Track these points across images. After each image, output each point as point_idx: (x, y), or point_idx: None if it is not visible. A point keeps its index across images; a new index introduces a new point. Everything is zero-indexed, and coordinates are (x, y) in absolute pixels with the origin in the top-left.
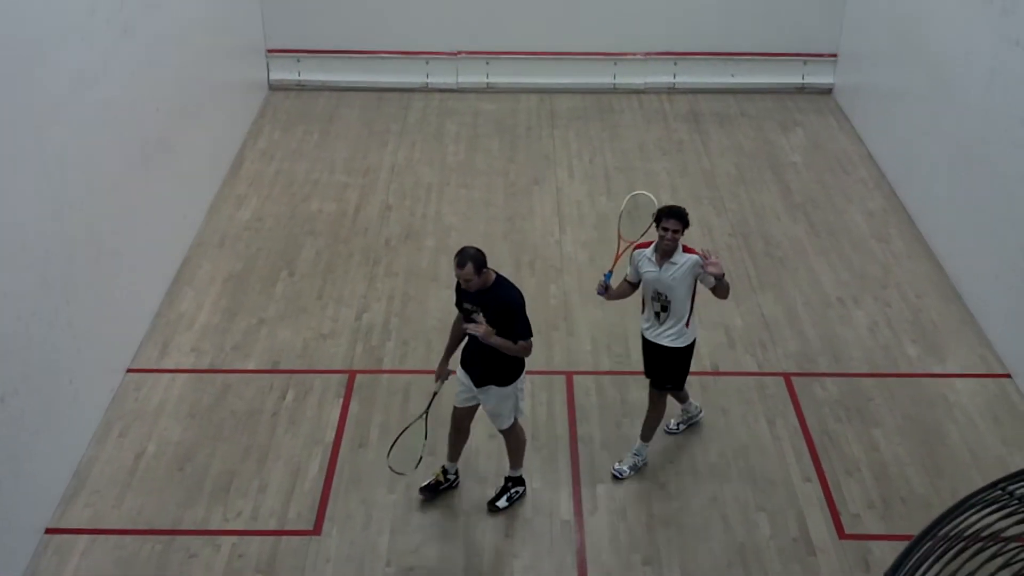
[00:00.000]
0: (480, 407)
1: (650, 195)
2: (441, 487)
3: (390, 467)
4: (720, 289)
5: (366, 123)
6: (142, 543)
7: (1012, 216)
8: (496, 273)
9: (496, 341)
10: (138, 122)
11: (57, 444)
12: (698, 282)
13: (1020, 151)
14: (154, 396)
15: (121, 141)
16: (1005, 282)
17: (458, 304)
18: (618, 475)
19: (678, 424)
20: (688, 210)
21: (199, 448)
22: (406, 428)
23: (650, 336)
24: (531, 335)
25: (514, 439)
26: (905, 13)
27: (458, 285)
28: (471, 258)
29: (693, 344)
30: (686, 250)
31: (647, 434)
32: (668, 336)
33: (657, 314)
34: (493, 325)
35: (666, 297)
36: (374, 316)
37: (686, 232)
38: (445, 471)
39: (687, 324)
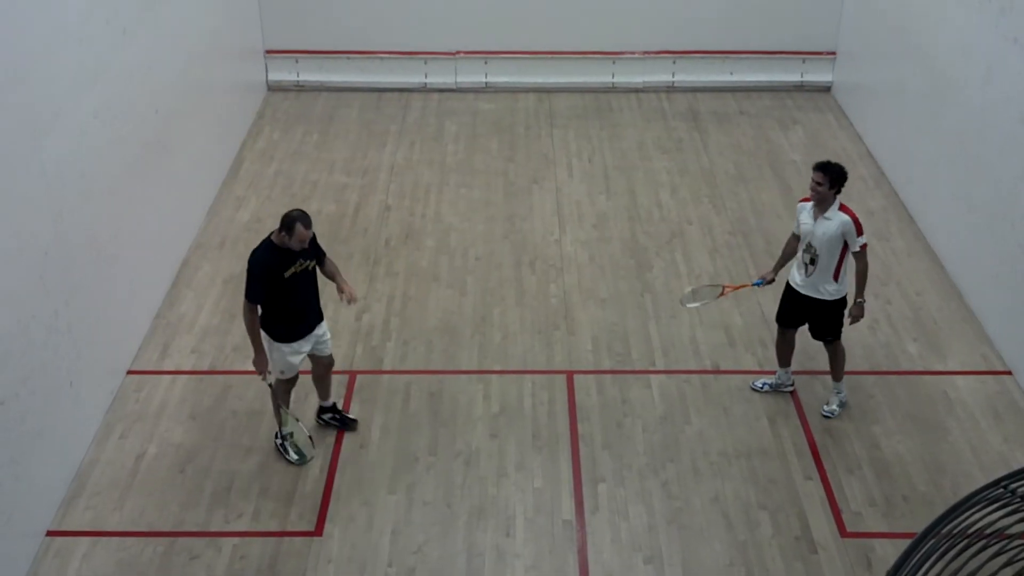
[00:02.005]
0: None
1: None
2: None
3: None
4: (863, 281)
5: (365, 123)
6: (144, 545)
7: (1011, 213)
8: None
9: None
10: (137, 124)
11: (58, 446)
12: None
13: (1019, 148)
14: (155, 398)
15: (120, 143)
16: (1005, 279)
17: (278, 274)
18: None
19: (832, 410)
20: (688, 209)
21: (200, 450)
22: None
23: (796, 286)
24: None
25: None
26: (903, 11)
27: (278, 256)
28: (310, 218)
29: (843, 299)
30: (843, 209)
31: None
32: (814, 288)
33: (805, 265)
34: (321, 265)
35: (816, 250)
36: (374, 317)
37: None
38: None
39: (835, 278)
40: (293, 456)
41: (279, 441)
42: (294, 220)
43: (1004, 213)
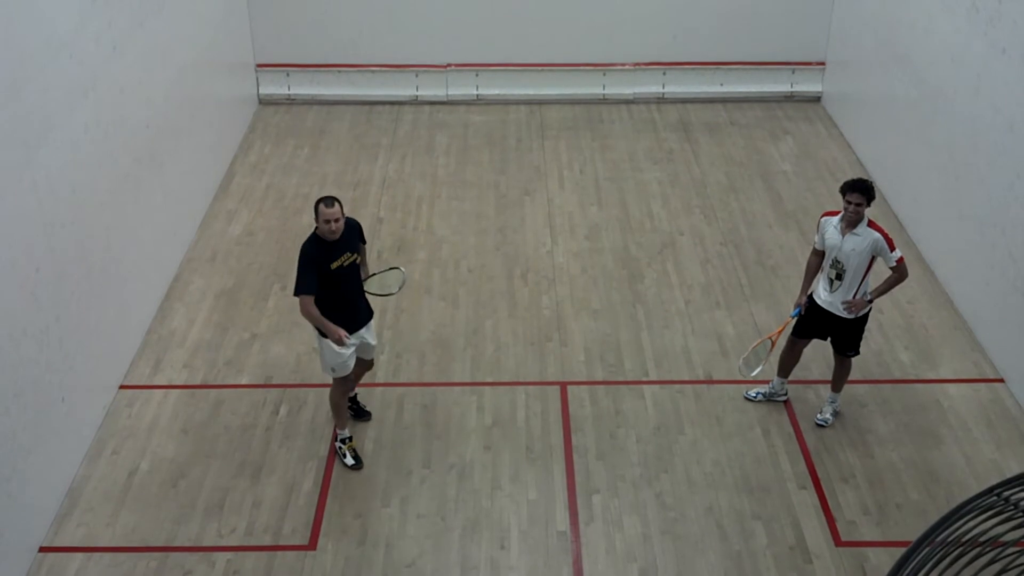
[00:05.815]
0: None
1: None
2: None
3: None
4: (892, 286)
5: (356, 136)
6: (136, 561)
7: (1001, 221)
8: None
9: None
10: (128, 138)
11: (50, 462)
12: (875, 260)
13: (1007, 157)
14: (147, 413)
15: (111, 157)
16: (996, 287)
17: (324, 266)
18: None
19: (826, 418)
20: (679, 219)
21: (193, 464)
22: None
23: (822, 302)
24: None
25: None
26: (892, 20)
27: (320, 250)
28: (336, 199)
29: (867, 315)
30: (871, 225)
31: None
32: (837, 307)
33: (831, 281)
34: (359, 252)
35: (842, 266)
36: None
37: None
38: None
39: (856, 295)
40: (349, 460)
41: (338, 444)
42: (317, 204)
43: (994, 221)
